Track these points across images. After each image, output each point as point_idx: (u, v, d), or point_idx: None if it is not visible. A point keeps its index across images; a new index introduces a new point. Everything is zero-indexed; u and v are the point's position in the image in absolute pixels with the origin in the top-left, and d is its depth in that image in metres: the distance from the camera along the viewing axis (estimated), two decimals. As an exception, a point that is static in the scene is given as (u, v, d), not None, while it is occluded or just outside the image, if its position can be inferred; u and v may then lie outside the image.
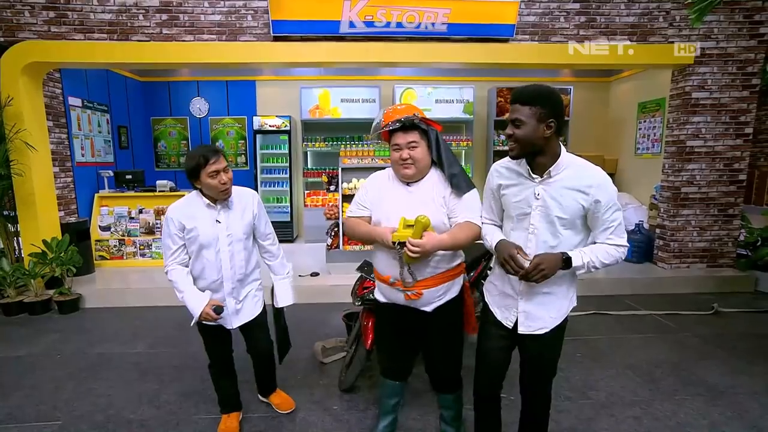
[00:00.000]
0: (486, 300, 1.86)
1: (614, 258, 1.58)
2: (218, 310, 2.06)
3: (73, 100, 5.47)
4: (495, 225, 1.83)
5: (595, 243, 1.61)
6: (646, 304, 4.33)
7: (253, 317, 2.28)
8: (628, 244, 1.60)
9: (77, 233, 4.82)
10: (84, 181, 5.52)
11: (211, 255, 2.07)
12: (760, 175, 6.00)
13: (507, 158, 1.71)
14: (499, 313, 1.77)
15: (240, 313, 2.23)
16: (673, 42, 4.63)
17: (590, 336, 3.58)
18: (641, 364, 3.11)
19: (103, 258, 5.37)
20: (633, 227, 5.48)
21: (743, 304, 4.32)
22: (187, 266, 2.12)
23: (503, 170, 1.72)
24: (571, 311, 1.74)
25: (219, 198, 2.04)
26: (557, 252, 1.56)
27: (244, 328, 2.30)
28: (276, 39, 4.42)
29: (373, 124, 1.99)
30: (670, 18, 4.63)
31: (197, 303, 2.03)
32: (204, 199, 2.06)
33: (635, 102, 6.66)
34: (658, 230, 5.21)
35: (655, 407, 2.58)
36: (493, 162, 6.93)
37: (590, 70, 6.97)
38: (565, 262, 1.55)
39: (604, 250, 1.57)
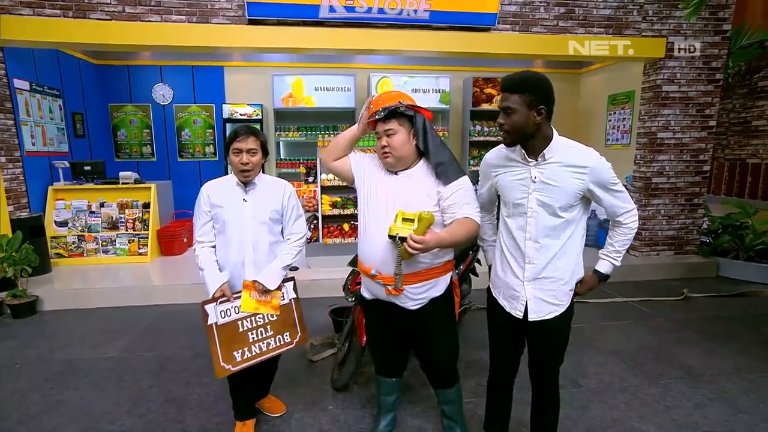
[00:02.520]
0: (493, 294, 1.87)
1: (630, 234, 1.72)
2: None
3: (20, 83, 4.99)
4: (489, 221, 1.94)
5: (608, 226, 1.78)
6: (621, 291, 4.51)
7: None
8: (635, 205, 1.71)
9: (30, 229, 4.44)
10: (35, 172, 5.09)
11: (234, 233, 2.07)
12: (719, 166, 6.38)
13: (499, 146, 1.78)
14: (507, 305, 1.78)
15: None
16: (646, 36, 4.78)
17: (573, 325, 3.65)
18: (625, 350, 3.23)
19: (60, 256, 5.00)
20: (605, 216, 5.68)
21: (708, 288, 4.58)
22: (213, 245, 2.13)
23: (495, 159, 1.79)
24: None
25: (239, 178, 2.07)
26: (589, 274, 1.75)
27: None
28: (251, 22, 4.20)
29: (362, 111, 1.93)
30: (644, 12, 4.77)
31: (214, 281, 2.04)
32: (235, 178, 2.10)
33: (605, 94, 6.86)
34: (629, 219, 5.42)
35: (643, 392, 2.68)
36: (469, 152, 7.00)
37: (562, 62, 7.12)
38: (602, 277, 1.77)
39: (621, 237, 1.72)
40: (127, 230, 5.14)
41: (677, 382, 2.78)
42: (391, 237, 1.66)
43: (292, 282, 2.23)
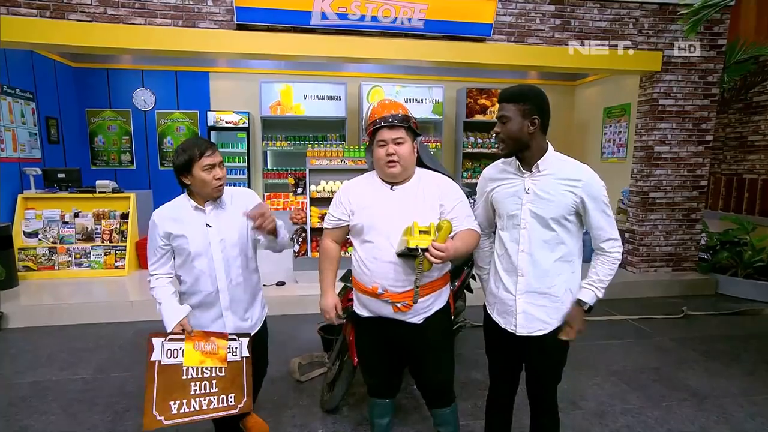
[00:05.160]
0: (488, 311, 1.90)
1: (615, 265, 1.72)
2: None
3: (-9, 86, 4.93)
4: (488, 248, 1.95)
5: (593, 255, 1.76)
6: (619, 308, 4.54)
7: (253, 332, 2.10)
8: (618, 237, 1.71)
9: (-3, 240, 4.34)
10: (4, 179, 4.98)
11: (204, 264, 1.93)
12: (715, 181, 6.53)
13: (497, 161, 1.87)
14: (502, 321, 1.81)
15: (239, 330, 2.03)
16: (642, 49, 4.92)
17: (571, 343, 3.67)
18: (625, 370, 3.24)
19: (28, 269, 4.86)
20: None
21: (708, 306, 4.64)
22: (171, 277, 1.98)
23: (493, 172, 1.85)
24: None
25: (211, 196, 1.92)
26: (574, 307, 1.73)
27: None
28: (240, 27, 4.21)
29: (364, 120, 1.97)
30: (639, 25, 4.91)
31: (173, 316, 1.89)
32: (191, 201, 1.94)
33: (601, 107, 7.02)
34: (627, 234, 5.50)
35: (646, 414, 2.68)
36: (462, 164, 7.06)
37: (557, 73, 7.27)
38: (584, 306, 1.72)
39: (605, 266, 1.72)
40: (103, 242, 5.04)
41: (680, 405, 2.79)
42: (410, 249, 1.65)
43: (247, 339, 2.02)
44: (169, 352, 1.82)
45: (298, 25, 4.27)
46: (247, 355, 2.00)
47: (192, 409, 1.83)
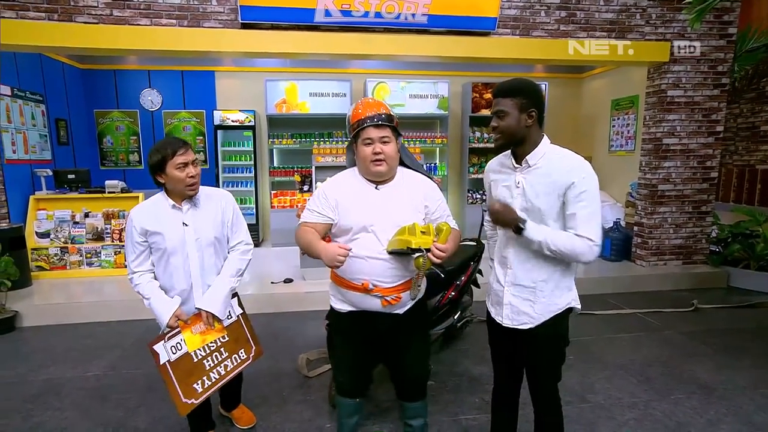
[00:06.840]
0: (487, 304, 1.94)
1: (575, 250, 1.59)
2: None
3: (1, 88, 5.02)
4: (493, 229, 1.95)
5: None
6: (628, 302, 4.52)
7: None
8: (596, 240, 1.59)
9: (10, 241, 4.41)
10: (16, 181, 5.08)
11: (179, 261, 1.99)
12: (727, 173, 6.44)
13: (498, 155, 1.88)
14: (494, 312, 1.85)
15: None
16: (650, 39, 4.87)
17: (579, 337, 3.68)
18: (633, 364, 3.23)
19: (41, 269, 4.96)
20: (611, 225, 5.72)
21: (719, 299, 4.60)
22: (152, 273, 2.04)
23: (493, 166, 1.89)
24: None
25: (185, 194, 1.97)
26: (519, 215, 1.65)
27: None
28: (244, 26, 4.24)
29: (347, 119, 1.95)
30: (647, 15, 4.86)
31: (166, 309, 1.97)
32: (169, 200, 1.99)
33: (608, 99, 6.95)
34: (636, 228, 5.46)
35: (654, 407, 2.67)
36: (469, 159, 7.02)
37: (563, 66, 7.21)
38: (519, 228, 1.62)
39: (567, 237, 1.60)
40: (113, 241, 5.12)
41: (689, 398, 2.78)
42: (412, 250, 1.68)
43: (236, 299, 2.18)
44: (172, 348, 1.92)
45: (302, 23, 4.28)
46: (241, 311, 2.21)
47: (213, 380, 2.01)
